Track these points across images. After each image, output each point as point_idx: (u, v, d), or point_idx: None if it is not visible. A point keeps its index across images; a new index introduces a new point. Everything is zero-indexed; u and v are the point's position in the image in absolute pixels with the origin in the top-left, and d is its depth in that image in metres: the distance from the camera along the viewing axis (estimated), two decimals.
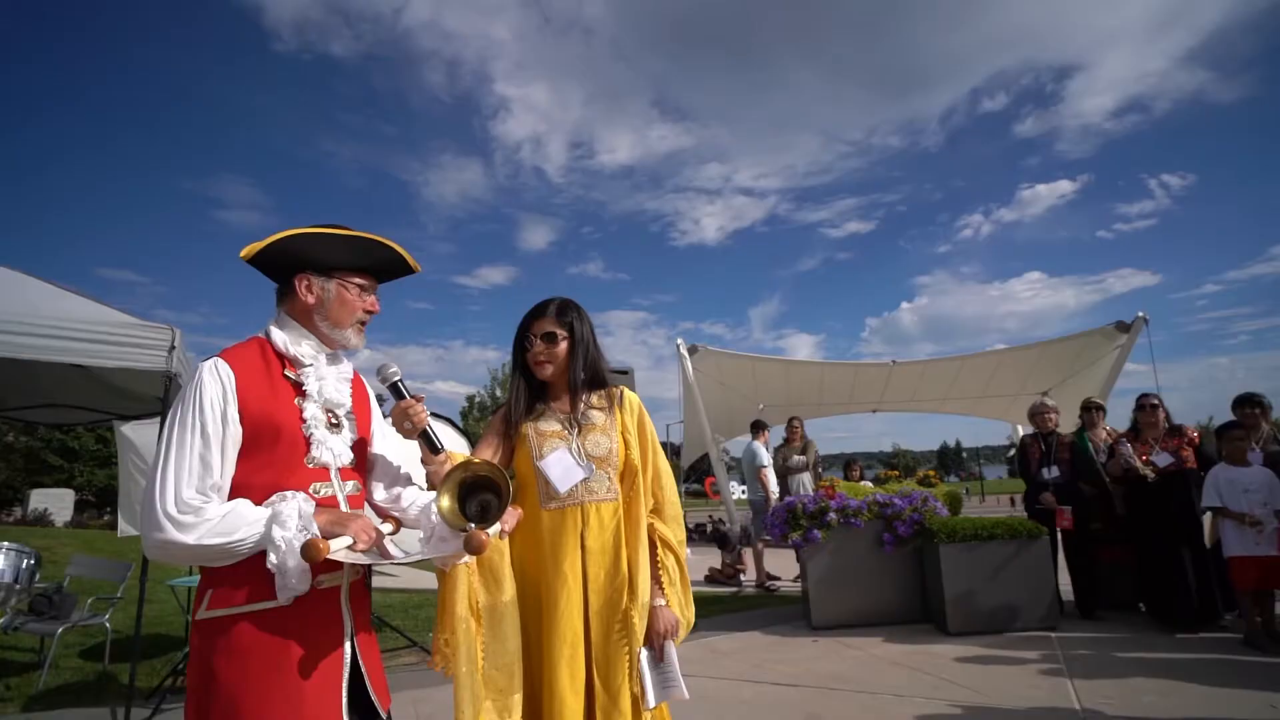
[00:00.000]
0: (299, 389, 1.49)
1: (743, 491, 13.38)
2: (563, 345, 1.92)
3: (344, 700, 1.37)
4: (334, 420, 1.52)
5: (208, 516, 1.28)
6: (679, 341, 10.33)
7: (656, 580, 1.88)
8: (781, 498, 7.57)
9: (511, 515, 1.60)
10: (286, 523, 1.29)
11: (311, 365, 1.52)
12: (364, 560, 1.37)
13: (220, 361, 1.41)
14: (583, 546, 1.81)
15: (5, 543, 3.28)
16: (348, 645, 1.42)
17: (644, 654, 1.81)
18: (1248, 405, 4.93)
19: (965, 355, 11.21)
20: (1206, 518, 4.85)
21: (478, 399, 34.05)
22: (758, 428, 8.00)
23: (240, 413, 1.38)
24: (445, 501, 1.44)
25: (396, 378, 1.57)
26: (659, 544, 1.91)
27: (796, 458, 7.75)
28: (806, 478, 7.68)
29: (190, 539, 1.26)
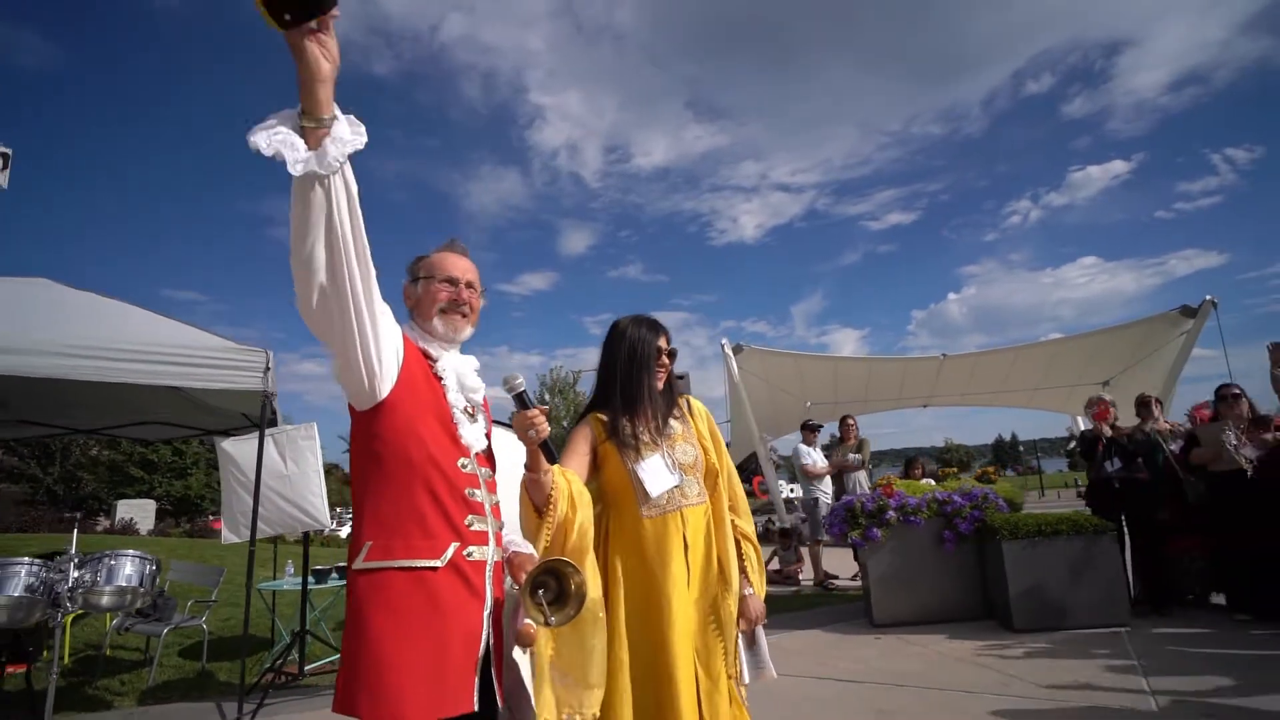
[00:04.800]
0: (438, 378, 1.64)
1: (791, 490, 13.32)
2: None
3: (477, 676, 1.47)
4: (470, 409, 1.68)
5: None
6: (723, 342, 10.31)
7: (743, 572, 2.04)
8: (837, 497, 7.61)
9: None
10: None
11: (439, 359, 1.67)
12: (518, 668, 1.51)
13: None
14: (685, 547, 1.95)
15: (130, 550, 3.61)
16: (486, 620, 1.53)
17: (739, 639, 1.99)
18: None
19: (1019, 346, 10.92)
20: None
21: None
22: (806, 429, 8.07)
23: (401, 364, 1.52)
24: (531, 604, 1.51)
25: (522, 388, 1.67)
26: (741, 539, 2.08)
27: (852, 456, 7.75)
28: (862, 476, 7.68)
29: None
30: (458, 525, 1.52)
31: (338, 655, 5.33)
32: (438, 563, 1.46)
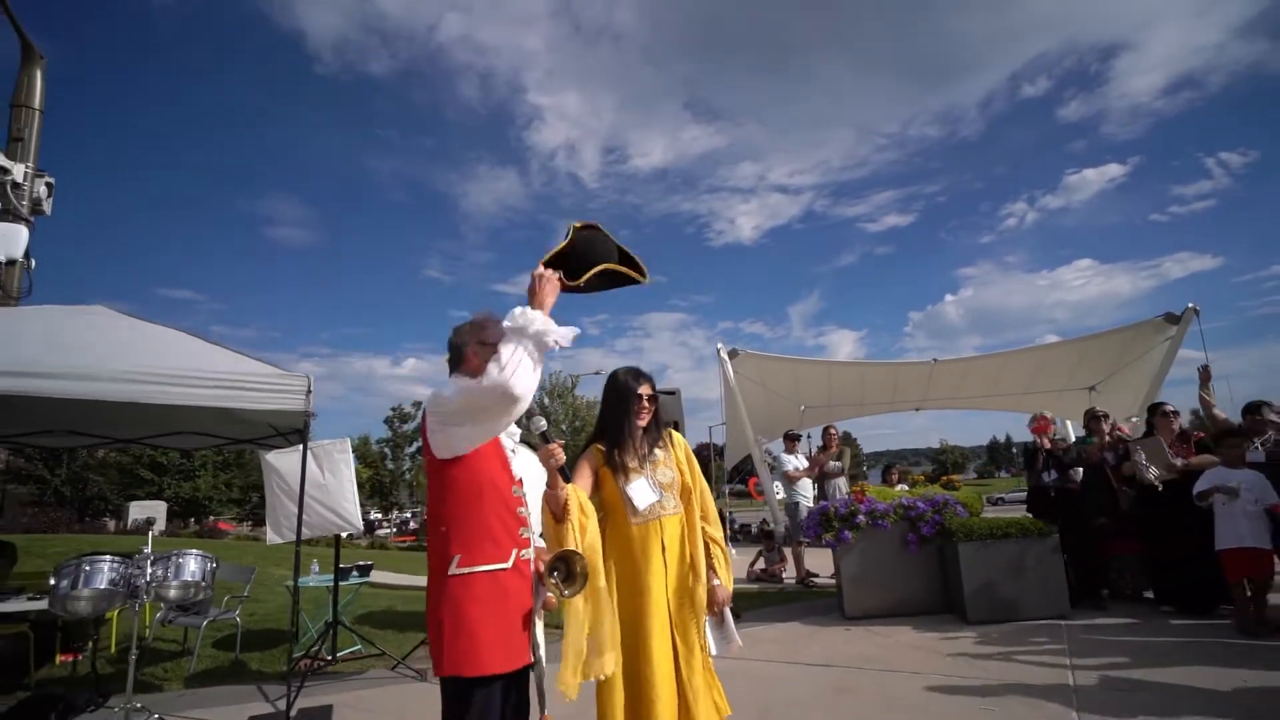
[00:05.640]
0: None
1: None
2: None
3: (532, 642, 2.09)
4: (512, 449, 2.26)
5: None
6: (719, 345, 10.62)
7: (712, 567, 2.62)
8: (818, 502, 8.18)
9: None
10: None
11: None
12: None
13: None
14: (663, 548, 2.53)
15: (194, 550, 4.17)
16: (534, 602, 2.14)
17: (708, 619, 2.56)
18: (1255, 413, 5.36)
19: (1008, 351, 11.20)
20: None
21: None
22: (788, 438, 8.67)
23: None
24: (551, 582, 2.10)
25: (543, 428, 2.23)
26: (711, 542, 2.66)
27: (833, 463, 8.33)
28: (842, 482, 8.26)
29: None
30: (515, 536, 2.12)
31: (359, 646, 5.93)
32: (507, 565, 2.07)
